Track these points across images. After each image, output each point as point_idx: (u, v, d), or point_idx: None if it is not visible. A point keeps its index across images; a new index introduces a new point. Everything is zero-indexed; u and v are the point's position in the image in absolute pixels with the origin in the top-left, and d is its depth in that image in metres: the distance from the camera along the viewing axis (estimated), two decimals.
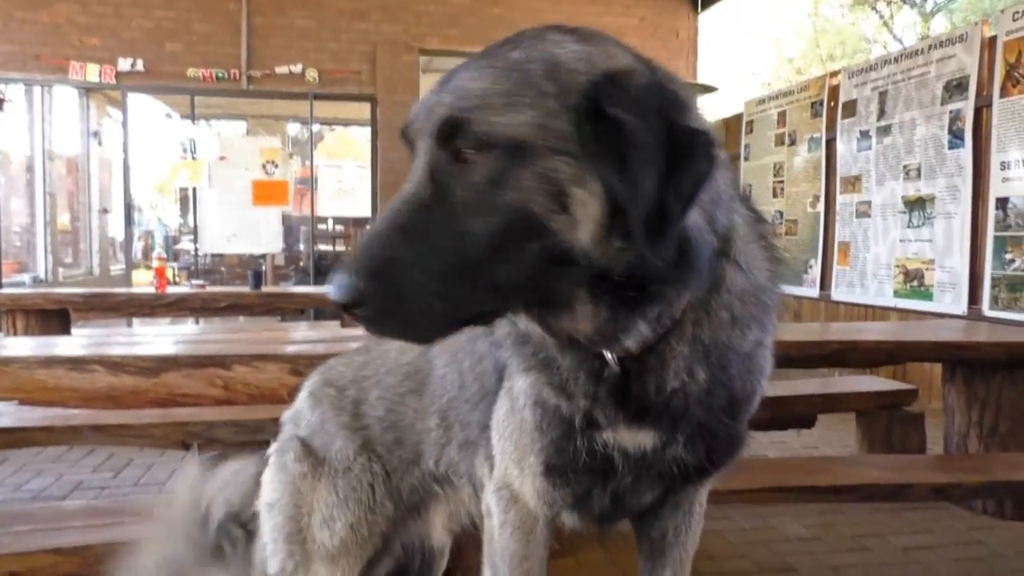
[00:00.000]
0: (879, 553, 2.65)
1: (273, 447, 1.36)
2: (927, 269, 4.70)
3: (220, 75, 7.29)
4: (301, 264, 8.83)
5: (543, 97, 0.80)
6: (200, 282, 5.34)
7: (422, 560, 1.41)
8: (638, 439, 0.96)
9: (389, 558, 1.34)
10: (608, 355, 0.89)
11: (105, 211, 9.38)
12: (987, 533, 2.82)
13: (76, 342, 3.01)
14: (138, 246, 8.70)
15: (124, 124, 7.69)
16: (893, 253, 4.98)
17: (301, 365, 2.32)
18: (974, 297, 4.35)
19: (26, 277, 7.91)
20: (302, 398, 1.37)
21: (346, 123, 10.37)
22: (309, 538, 1.26)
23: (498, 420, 1.07)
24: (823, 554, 2.68)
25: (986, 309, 4.22)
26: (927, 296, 4.69)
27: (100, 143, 9.07)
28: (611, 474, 0.99)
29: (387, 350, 1.33)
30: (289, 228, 8.36)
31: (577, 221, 0.78)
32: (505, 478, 1.07)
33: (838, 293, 5.51)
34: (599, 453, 0.97)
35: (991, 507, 2.97)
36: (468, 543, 1.59)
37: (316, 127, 8.59)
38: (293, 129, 9.87)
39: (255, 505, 1.33)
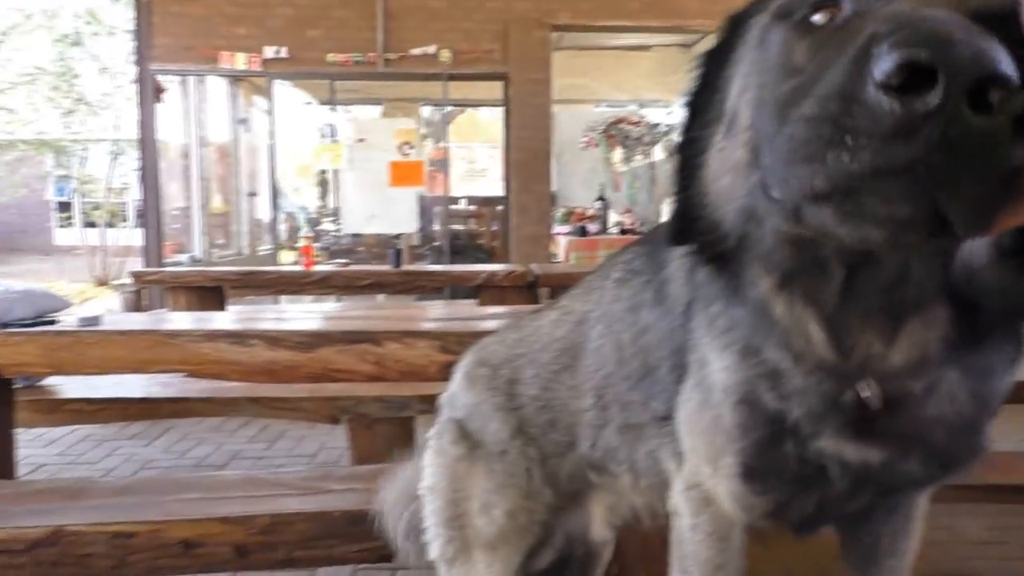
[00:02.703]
0: None
1: (432, 430, 1.31)
2: None
3: (358, 59, 7.45)
4: (436, 244, 8.96)
5: None
6: (344, 260, 5.50)
7: (584, 552, 1.33)
8: (864, 454, 0.83)
9: (551, 549, 1.27)
10: (867, 388, 0.76)
11: (253, 194, 9.85)
12: None
13: (235, 317, 3.13)
14: (282, 227, 9.07)
15: (270, 110, 8.01)
16: None
17: (450, 342, 2.30)
18: None
19: (184, 257, 8.42)
20: (457, 379, 1.31)
21: (476, 104, 10.42)
22: (468, 524, 1.21)
23: (687, 413, 0.96)
24: (1009, 560, 2.43)
25: None
26: None
27: (247, 130, 9.51)
28: (822, 483, 0.87)
29: (541, 325, 1.25)
30: (423, 208, 8.50)
31: None
32: (696, 477, 0.96)
33: None
34: (811, 462, 0.84)
35: None
36: (627, 545, 1.51)
37: (448, 108, 8.67)
38: (425, 111, 10.02)
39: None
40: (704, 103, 0.82)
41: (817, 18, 0.64)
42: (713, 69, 0.81)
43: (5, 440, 2.56)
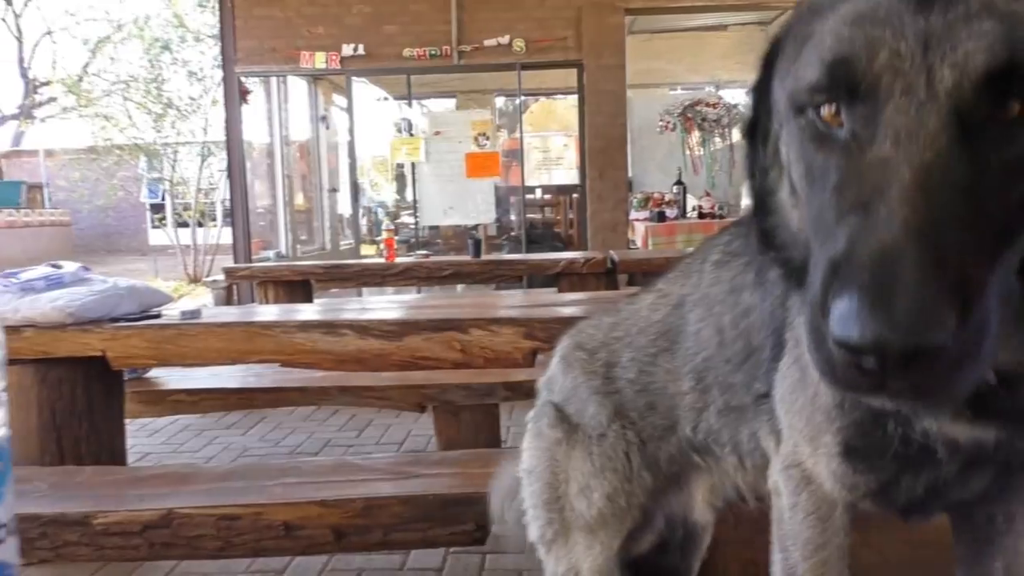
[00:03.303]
0: None
1: (531, 413, 1.33)
2: None
3: (433, 52, 7.53)
4: (513, 233, 9.00)
5: None
6: (424, 252, 5.59)
7: (684, 536, 1.33)
8: (975, 433, 0.79)
9: (651, 532, 1.27)
10: None
11: (334, 190, 10.09)
12: None
13: (324, 308, 3.22)
14: (363, 222, 9.27)
15: (349, 108, 8.18)
16: None
17: (534, 329, 2.32)
18: None
19: (270, 253, 8.70)
20: (554, 363, 1.32)
21: (550, 92, 10.40)
22: (567, 507, 1.22)
23: (784, 391, 0.95)
24: None
25: None
26: None
27: (327, 127, 9.74)
28: (930, 464, 0.84)
29: (637, 309, 1.25)
30: (499, 199, 8.54)
31: None
32: (795, 456, 0.95)
33: None
34: (916, 442, 0.82)
35: None
36: (719, 530, 1.49)
37: (521, 98, 8.68)
38: (499, 102, 10.05)
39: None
40: (759, 131, 0.84)
41: (824, 116, 0.68)
42: (758, 96, 0.84)
43: (117, 429, 2.71)
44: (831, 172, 0.66)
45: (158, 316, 2.50)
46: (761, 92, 0.83)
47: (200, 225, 13.60)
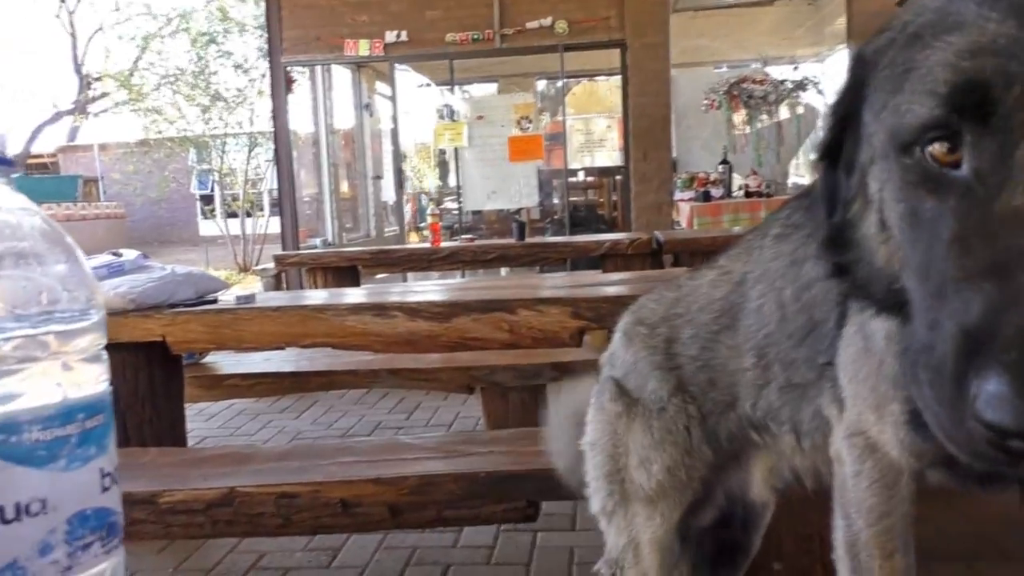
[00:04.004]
0: None
1: (594, 388, 1.34)
2: None
3: (475, 37, 7.53)
4: (556, 216, 9.00)
5: None
6: (469, 236, 5.62)
7: (746, 511, 1.33)
8: None
9: (712, 506, 1.28)
10: None
11: (378, 178, 10.19)
12: None
13: (374, 291, 3.27)
14: (407, 208, 9.35)
15: (393, 96, 8.23)
16: None
17: (581, 308, 2.33)
18: None
19: (317, 241, 8.82)
20: (616, 338, 1.34)
21: (592, 74, 10.33)
22: (627, 478, 1.23)
23: (847, 359, 0.94)
24: None
25: None
26: None
27: (371, 115, 9.82)
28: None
29: (698, 285, 1.25)
30: (542, 182, 8.54)
31: None
32: (859, 424, 0.94)
33: None
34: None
35: None
36: (780, 522, 1.48)
37: (564, 81, 8.64)
38: (541, 85, 10.02)
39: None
40: (842, 159, 0.80)
41: (933, 153, 0.63)
42: (840, 119, 0.79)
43: (178, 412, 2.80)
44: (945, 219, 0.62)
45: (214, 302, 2.57)
46: (845, 117, 0.78)
47: (248, 215, 13.87)
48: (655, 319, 1.27)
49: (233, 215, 14.21)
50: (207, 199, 17.33)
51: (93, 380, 0.47)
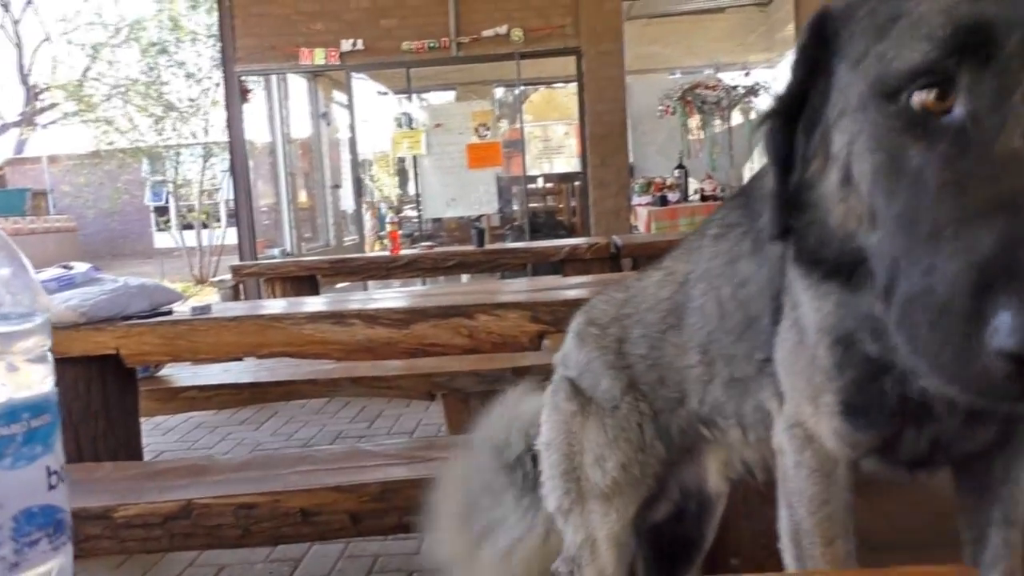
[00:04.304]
0: None
1: (548, 389, 1.36)
2: None
3: (432, 45, 7.55)
4: (516, 223, 9.03)
5: None
6: (429, 243, 5.62)
7: (699, 505, 1.36)
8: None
9: (666, 501, 1.30)
10: None
11: (337, 187, 10.13)
12: None
13: (332, 299, 3.26)
14: (366, 217, 9.30)
15: (350, 104, 8.20)
16: None
17: (540, 312, 2.35)
18: None
19: (275, 251, 8.73)
20: (568, 339, 1.35)
21: (549, 81, 10.40)
22: (583, 476, 1.25)
23: (783, 354, 0.97)
24: None
25: None
26: None
27: (329, 124, 9.76)
28: (929, 420, 0.85)
29: (646, 286, 1.28)
30: (501, 189, 8.57)
31: None
32: (797, 416, 0.97)
33: None
34: (913, 400, 0.83)
35: None
36: (738, 518, 1.52)
37: (521, 88, 8.69)
38: (499, 92, 10.07)
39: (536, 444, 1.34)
40: (803, 117, 0.80)
41: (922, 100, 0.64)
42: (804, 76, 0.79)
43: (133, 426, 2.76)
44: (935, 165, 0.62)
45: (169, 313, 2.54)
46: (807, 74, 0.78)
47: (205, 226, 13.67)
48: (606, 320, 1.29)
49: (189, 227, 13.99)
50: (161, 211, 17.02)
51: (39, 380, 0.47)
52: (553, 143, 10.72)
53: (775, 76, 9.29)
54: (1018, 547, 1.01)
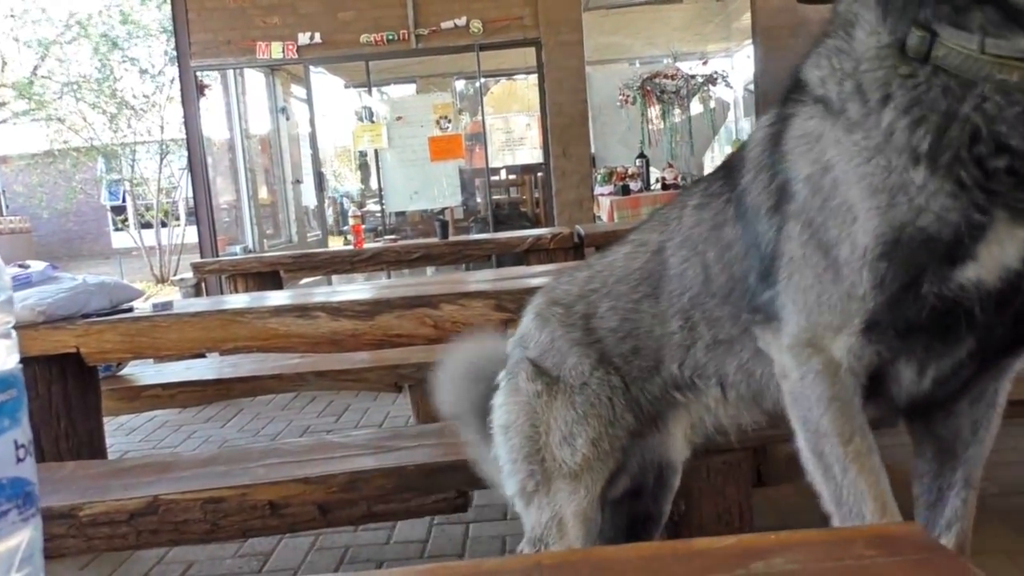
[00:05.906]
0: None
1: (502, 374, 1.37)
2: None
3: (390, 37, 7.50)
4: (480, 215, 9.03)
5: None
6: (393, 237, 5.61)
7: (656, 480, 1.39)
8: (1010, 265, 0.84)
9: (626, 475, 1.33)
10: None
11: (298, 182, 10.02)
12: None
13: (296, 293, 3.24)
14: (329, 212, 9.23)
15: (309, 98, 8.12)
16: None
17: (505, 300, 2.37)
18: None
19: (237, 248, 8.62)
20: (527, 320, 1.37)
21: (510, 73, 10.40)
22: (548, 457, 1.26)
23: (796, 279, 0.99)
24: None
25: None
26: None
27: (288, 118, 9.65)
28: (951, 333, 0.90)
29: (613, 261, 1.31)
30: (464, 182, 8.56)
31: None
32: (809, 338, 0.99)
33: None
34: (948, 299, 0.87)
35: None
36: (693, 481, 1.56)
37: (481, 80, 8.68)
38: (459, 85, 10.04)
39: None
40: None
41: None
42: None
43: (96, 425, 2.72)
44: None
45: (130, 310, 2.51)
46: None
47: (164, 225, 13.44)
48: (570, 299, 1.32)
49: (147, 225, 13.74)
50: (119, 210, 16.68)
51: (3, 355, 0.48)
52: (515, 134, 10.72)
53: (732, 65, 9.40)
54: (972, 509, 1.06)
